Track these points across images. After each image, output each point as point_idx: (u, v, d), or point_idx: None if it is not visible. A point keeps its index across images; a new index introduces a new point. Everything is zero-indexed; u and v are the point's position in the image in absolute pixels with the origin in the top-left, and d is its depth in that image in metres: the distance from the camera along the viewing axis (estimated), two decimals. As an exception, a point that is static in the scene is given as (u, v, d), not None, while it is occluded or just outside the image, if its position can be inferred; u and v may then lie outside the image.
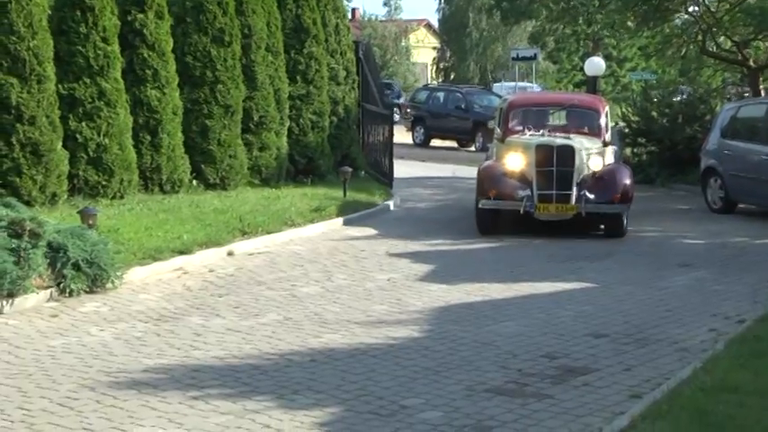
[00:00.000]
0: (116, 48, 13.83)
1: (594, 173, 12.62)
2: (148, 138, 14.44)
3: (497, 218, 12.82)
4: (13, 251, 8.44)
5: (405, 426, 5.76)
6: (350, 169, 15.93)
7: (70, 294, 8.92)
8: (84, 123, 13.49)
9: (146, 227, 11.59)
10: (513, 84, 41.00)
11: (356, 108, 18.97)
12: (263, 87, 16.15)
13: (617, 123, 21.69)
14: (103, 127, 13.55)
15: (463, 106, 31.26)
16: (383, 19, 56.80)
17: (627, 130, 20.89)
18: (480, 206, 12.67)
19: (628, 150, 20.86)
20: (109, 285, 9.26)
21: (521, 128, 13.53)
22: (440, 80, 55.78)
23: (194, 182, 15.17)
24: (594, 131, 13.58)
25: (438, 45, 62.42)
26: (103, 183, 13.56)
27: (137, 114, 14.29)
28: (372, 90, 19.40)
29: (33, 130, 12.64)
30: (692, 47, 21.93)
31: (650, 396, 6.06)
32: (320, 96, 17.51)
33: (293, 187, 16.07)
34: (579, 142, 12.92)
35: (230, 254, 11.26)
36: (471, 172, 15.76)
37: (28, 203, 11.81)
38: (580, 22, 32.89)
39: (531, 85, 42.98)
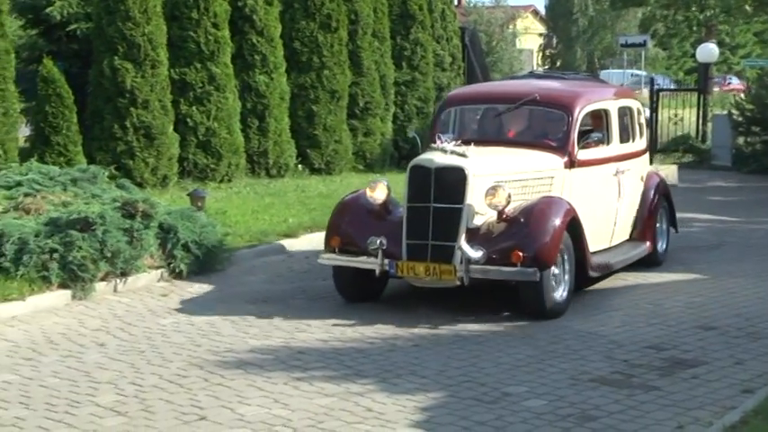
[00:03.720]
0: (226, 33, 14.09)
1: (501, 213, 7.83)
2: (256, 122, 14.68)
3: (370, 276, 8.05)
4: (126, 231, 8.69)
5: (508, 413, 5.72)
6: (454, 156, 15.88)
7: (179, 275, 9.13)
8: (194, 107, 13.79)
9: (252, 210, 11.79)
10: (620, 71, 40.26)
11: (461, 94, 18.88)
12: (369, 73, 16.24)
13: (725, 111, 21.08)
14: (213, 111, 13.84)
15: (569, 93, 30.79)
16: (490, 5, 56.41)
17: (740, 119, 20.31)
18: (320, 261, 8.36)
19: (741, 140, 20.31)
20: (217, 267, 9.44)
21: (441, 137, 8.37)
22: (545, 67, 55.12)
23: (300, 166, 15.36)
24: (558, 144, 8.69)
25: (544, 32, 61.68)
26: (212, 166, 13.86)
27: (245, 99, 14.54)
28: (478, 76, 19.30)
29: (146, 113, 13.00)
30: (811, 33, 21.13)
31: (763, 391, 5.88)
32: (425, 82, 17.51)
33: (397, 173, 16.06)
34: (486, 162, 8.12)
35: (335, 238, 11.31)
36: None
37: (140, 185, 12.15)
38: (693, 8, 32.05)
39: (640, 72, 42.14)
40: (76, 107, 12.53)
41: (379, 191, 8.21)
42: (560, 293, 7.93)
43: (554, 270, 7.80)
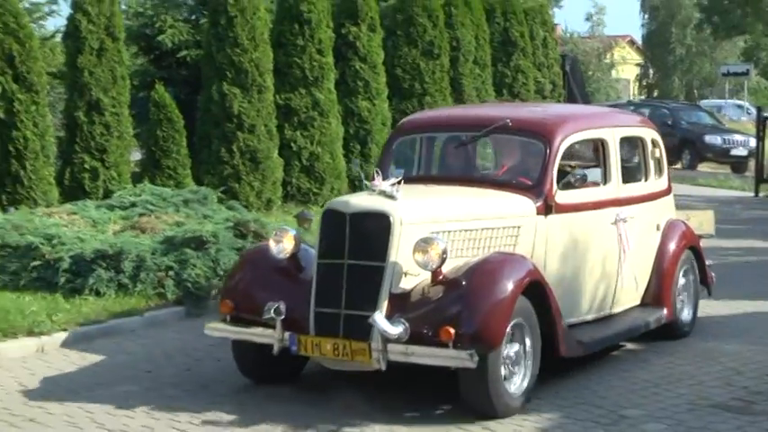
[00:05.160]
0: (330, 60, 14.29)
1: (436, 274, 5.90)
2: (358, 147, 14.84)
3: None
4: (238, 250, 8.85)
5: (627, 435, 5.65)
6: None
7: (287, 294, 9.21)
8: (298, 132, 14.00)
9: (356, 233, 11.85)
10: (722, 101, 39.53)
11: (561, 122, 18.82)
12: (470, 99, 16.31)
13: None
14: (316, 136, 14.03)
15: (669, 122, 30.32)
16: (585, 35, 56.10)
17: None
18: (206, 332, 6.54)
19: None
20: (324, 287, 9.50)
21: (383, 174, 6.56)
22: (642, 96, 54.49)
23: (401, 191, 15.44)
24: (533, 183, 6.76)
25: (641, 61, 61.04)
26: (315, 190, 14.03)
27: (348, 124, 14.71)
28: (578, 103, 19.17)
29: (252, 138, 13.24)
30: None
31: None
32: (526, 109, 17.51)
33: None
34: (420, 206, 6.26)
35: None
36: (677, 189, 10.35)
37: (245, 208, 12.33)
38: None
39: (741, 102, 41.28)
40: (186, 131, 12.84)
41: (286, 241, 6.38)
42: (517, 383, 5.99)
43: (506, 351, 5.89)
